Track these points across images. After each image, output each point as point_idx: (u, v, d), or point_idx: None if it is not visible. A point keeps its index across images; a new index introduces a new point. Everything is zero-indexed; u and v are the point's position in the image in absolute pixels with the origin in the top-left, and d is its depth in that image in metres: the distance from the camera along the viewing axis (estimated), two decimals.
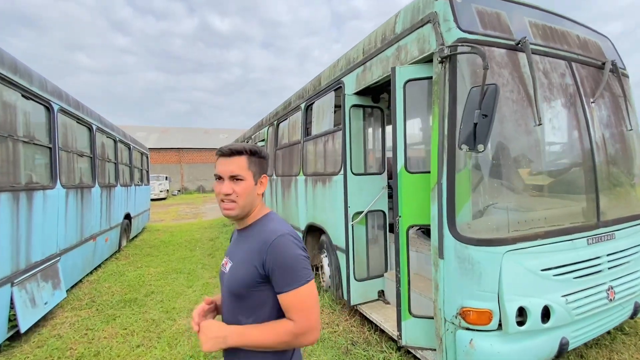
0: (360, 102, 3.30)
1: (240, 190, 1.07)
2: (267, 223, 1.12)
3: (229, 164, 1.07)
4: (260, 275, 1.03)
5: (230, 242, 1.29)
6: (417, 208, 2.44)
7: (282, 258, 1.01)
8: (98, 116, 5.79)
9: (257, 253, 1.03)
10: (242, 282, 1.05)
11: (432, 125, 2.21)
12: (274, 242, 1.02)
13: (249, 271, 1.04)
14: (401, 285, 2.50)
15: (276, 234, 1.04)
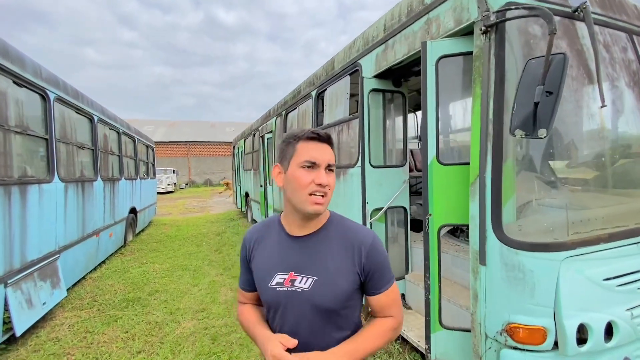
0: (380, 86, 2.96)
1: (332, 183, 0.96)
2: (344, 222, 1.04)
3: (325, 150, 0.95)
4: (359, 282, 0.98)
5: (264, 249, 1.05)
6: (450, 205, 2.12)
7: (381, 258, 0.99)
8: (100, 107, 5.55)
9: (352, 258, 0.96)
10: (343, 294, 0.95)
11: (473, 108, 1.88)
12: (373, 243, 0.98)
13: (349, 280, 0.95)
14: (431, 293, 2.20)
15: (370, 233, 1.01)
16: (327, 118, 3.90)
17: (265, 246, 1.05)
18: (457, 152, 2.24)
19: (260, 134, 7.52)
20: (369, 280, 0.97)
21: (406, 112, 3.11)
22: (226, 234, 8.10)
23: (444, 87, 2.13)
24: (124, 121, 7.13)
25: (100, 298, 4.10)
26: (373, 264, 0.96)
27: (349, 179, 3.33)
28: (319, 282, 0.94)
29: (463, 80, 2.15)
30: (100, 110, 5.50)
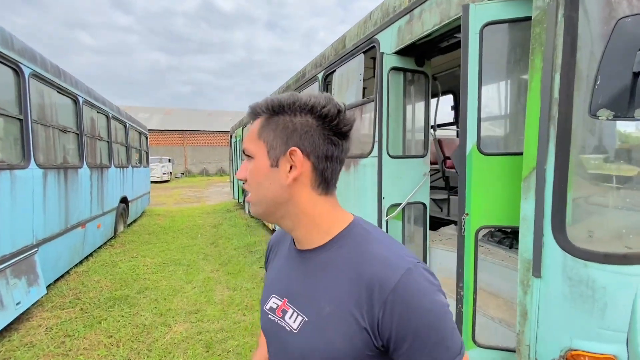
0: (402, 65, 2.59)
1: (247, 174, 0.64)
2: (367, 239, 0.61)
3: (248, 131, 0.66)
4: (373, 348, 0.55)
5: (276, 261, 0.78)
6: (493, 203, 1.78)
7: (419, 317, 0.52)
8: (86, 88, 5.12)
9: (358, 304, 0.55)
10: (338, 355, 0.56)
11: (530, 85, 1.52)
12: (399, 286, 0.53)
13: (347, 337, 0.55)
14: (464, 305, 1.88)
15: (399, 267, 0.55)
16: None
17: (278, 256, 0.78)
18: (503, 140, 1.89)
19: None
20: (396, 351, 0.54)
21: (429, 95, 2.74)
22: (222, 226, 7.76)
23: (489, 61, 1.77)
24: (114, 105, 6.69)
25: (84, 296, 3.75)
26: (400, 324, 0.53)
27: (360, 171, 2.98)
28: (308, 326, 0.60)
29: (514, 52, 1.79)
30: (86, 91, 5.07)
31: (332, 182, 0.63)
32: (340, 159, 0.63)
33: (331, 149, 0.60)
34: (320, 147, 0.60)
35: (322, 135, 0.60)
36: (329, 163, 0.61)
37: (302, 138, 0.59)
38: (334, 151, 0.60)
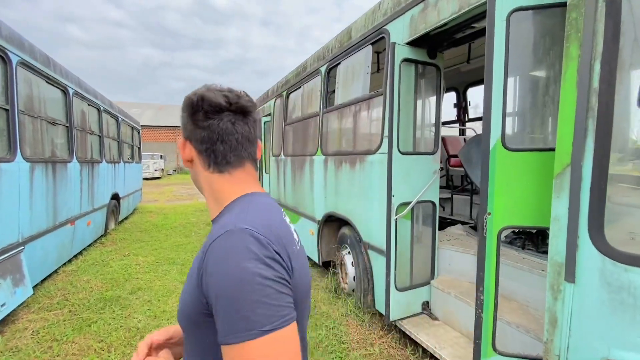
0: (414, 56, 2.47)
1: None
2: (230, 211, 0.66)
3: None
4: (204, 305, 0.57)
5: None
6: (517, 202, 1.67)
7: (221, 280, 0.53)
8: (77, 79, 4.89)
9: (199, 265, 0.58)
10: (185, 310, 0.63)
11: (564, 75, 1.41)
12: (210, 250, 0.57)
13: (193, 295, 0.60)
14: (484, 311, 1.77)
15: (219, 231, 0.58)
16: (340, 97, 3.40)
17: None
18: (530, 134, 1.78)
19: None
20: (213, 313, 0.56)
21: (440, 89, 2.63)
22: None
23: (516, 50, 1.65)
24: (106, 98, 6.45)
25: (73, 297, 3.56)
26: (210, 286, 0.55)
27: (367, 168, 2.86)
28: (183, 286, 0.68)
29: (543, 40, 1.67)
30: (77, 83, 4.84)
31: (222, 161, 0.68)
32: (221, 139, 0.66)
33: (203, 133, 0.66)
34: (194, 133, 0.68)
35: (192, 123, 0.67)
36: (209, 145, 0.67)
37: (184, 129, 0.70)
38: (206, 134, 0.66)
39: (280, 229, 0.62)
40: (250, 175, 0.72)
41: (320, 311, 3.17)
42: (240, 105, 0.67)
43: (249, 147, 0.70)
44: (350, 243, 3.33)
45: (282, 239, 0.60)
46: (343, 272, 3.50)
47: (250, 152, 0.71)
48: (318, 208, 3.92)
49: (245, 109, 0.68)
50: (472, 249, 2.66)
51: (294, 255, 0.62)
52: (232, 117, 0.67)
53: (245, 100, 0.69)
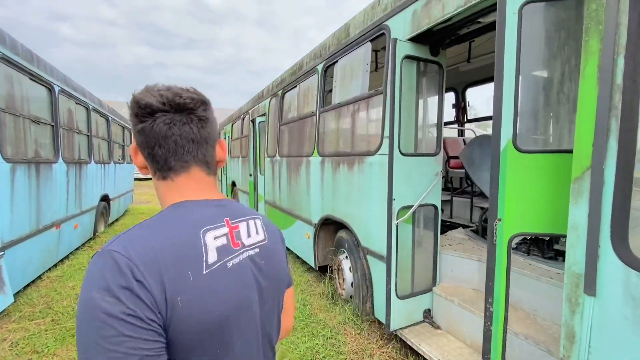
0: (416, 53, 2.36)
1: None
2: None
3: None
4: None
5: None
6: (530, 207, 1.56)
7: (77, 307, 0.49)
8: (63, 76, 4.70)
9: None
10: None
11: (583, 72, 1.31)
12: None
13: None
14: (494, 323, 1.66)
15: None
16: (337, 96, 3.28)
17: None
18: (543, 135, 1.67)
19: (251, 117, 6.81)
20: None
21: (442, 87, 2.52)
22: None
23: (528, 45, 1.55)
24: (95, 97, 6.25)
25: (57, 305, 3.38)
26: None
27: (366, 170, 2.74)
28: None
29: (558, 34, 1.57)
30: (63, 80, 4.66)
31: (164, 167, 0.63)
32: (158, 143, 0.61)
33: (140, 138, 0.62)
34: (137, 138, 0.63)
35: (134, 128, 0.62)
36: (149, 150, 0.62)
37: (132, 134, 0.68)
38: (143, 138, 0.61)
39: (173, 251, 0.53)
40: (195, 180, 0.65)
41: (317, 319, 3.04)
42: (177, 103, 0.60)
43: (194, 149, 0.63)
44: (348, 247, 3.21)
45: (165, 263, 0.51)
46: (340, 277, 3.38)
47: (197, 154, 0.64)
48: (314, 211, 3.79)
49: (184, 107, 0.61)
50: (475, 255, 2.56)
51: (185, 284, 0.52)
52: (168, 118, 0.60)
53: (186, 97, 0.61)
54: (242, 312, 0.59)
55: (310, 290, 3.74)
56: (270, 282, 0.68)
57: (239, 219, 0.67)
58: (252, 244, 0.67)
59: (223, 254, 0.59)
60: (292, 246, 4.71)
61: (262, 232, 0.71)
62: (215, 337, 0.55)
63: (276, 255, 0.72)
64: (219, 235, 0.61)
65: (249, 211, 0.73)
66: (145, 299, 0.47)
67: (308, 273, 4.30)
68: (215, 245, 0.59)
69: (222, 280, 0.57)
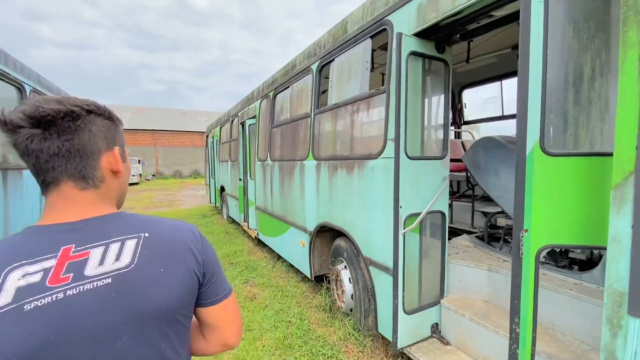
0: (422, 50, 2.20)
1: None
2: None
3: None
4: None
5: None
6: (560, 217, 1.41)
7: None
8: (36, 75, 4.37)
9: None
10: None
11: (622, 66, 1.16)
12: None
13: None
14: (520, 346, 1.49)
15: None
16: (334, 97, 3.10)
17: None
18: (573, 137, 1.52)
19: (241, 119, 6.57)
20: None
21: (449, 86, 2.38)
22: None
23: (556, 36, 1.40)
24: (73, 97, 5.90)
25: None
26: None
27: (367, 174, 2.57)
28: None
29: (587, 25, 1.43)
30: (36, 80, 4.33)
31: (40, 184, 0.62)
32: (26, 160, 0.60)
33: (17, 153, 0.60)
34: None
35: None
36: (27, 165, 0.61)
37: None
38: (18, 154, 0.59)
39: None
40: (63, 198, 0.62)
41: (316, 335, 2.84)
42: (34, 117, 0.56)
43: (62, 163, 0.60)
44: (347, 257, 3.02)
45: None
46: (339, 288, 3.19)
47: (66, 169, 0.61)
48: (310, 217, 3.59)
49: (42, 120, 0.57)
50: (484, 264, 2.41)
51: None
52: (27, 133, 0.57)
53: (47, 109, 0.57)
54: (48, 357, 0.52)
55: (307, 302, 3.53)
56: (122, 318, 0.58)
57: (91, 245, 0.60)
58: (99, 275, 0.58)
59: (23, 295, 0.52)
60: (285, 255, 4.49)
61: (128, 257, 0.61)
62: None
63: (147, 284, 0.61)
64: (31, 272, 0.54)
65: (128, 229, 0.64)
66: None
67: (303, 283, 4.09)
68: (17, 285, 0.53)
69: (8, 325, 0.50)
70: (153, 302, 0.61)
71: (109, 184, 0.67)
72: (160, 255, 0.64)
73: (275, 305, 3.44)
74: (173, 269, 0.65)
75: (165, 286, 0.63)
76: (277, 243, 4.73)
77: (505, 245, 2.73)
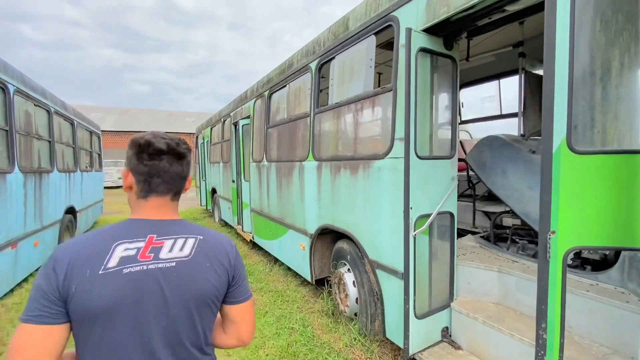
0: (431, 46, 2.14)
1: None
2: None
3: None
4: None
5: None
6: (589, 217, 1.35)
7: None
8: (20, 74, 4.15)
9: None
10: None
11: None
12: None
13: None
14: (547, 352, 1.43)
15: None
16: (335, 95, 3.02)
17: None
18: (601, 133, 1.46)
19: (233, 120, 6.42)
20: None
21: (456, 84, 2.32)
22: None
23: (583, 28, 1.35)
24: (58, 99, 5.65)
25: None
26: None
27: (373, 175, 2.49)
28: None
29: (615, 18, 1.38)
30: (20, 79, 4.11)
31: (149, 191, 0.87)
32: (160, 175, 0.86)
33: (144, 169, 0.85)
34: (138, 168, 0.86)
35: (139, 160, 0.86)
36: (148, 178, 0.86)
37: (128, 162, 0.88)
38: (148, 170, 0.85)
39: (86, 254, 0.76)
40: (159, 204, 0.88)
41: (320, 342, 2.74)
42: (176, 151, 0.88)
43: (174, 182, 0.89)
44: (350, 260, 2.93)
45: (75, 261, 0.74)
46: (342, 292, 3.10)
47: (172, 187, 0.89)
48: (310, 220, 3.50)
49: (180, 154, 0.89)
50: (494, 265, 2.36)
51: (86, 275, 0.73)
52: (170, 159, 0.87)
53: (182, 147, 0.90)
54: (129, 307, 0.75)
55: (308, 307, 3.43)
56: (178, 292, 0.81)
57: (166, 237, 0.84)
58: (169, 258, 0.82)
59: (123, 262, 0.77)
60: (284, 258, 4.38)
61: (188, 250, 0.85)
62: (107, 316, 0.73)
63: (198, 272, 0.84)
64: (130, 248, 0.79)
65: (189, 231, 0.88)
66: (52, 280, 0.72)
67: (303, 287, 3.99)
68: (121, 255, 0.77)
69: (112, 281, 0.74)
70: (198, 285, 0.83)
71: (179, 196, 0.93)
72: (208, 253, 0.87)
73: (276, 311, 3.33)
74: (215, 265, 0.87)
75: (209, 275, 0.85)
76: (275, 246, 4.61)
77: (512, 246, 2.69)
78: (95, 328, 0.73)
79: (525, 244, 2.60)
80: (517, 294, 2.22)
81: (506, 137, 2.77)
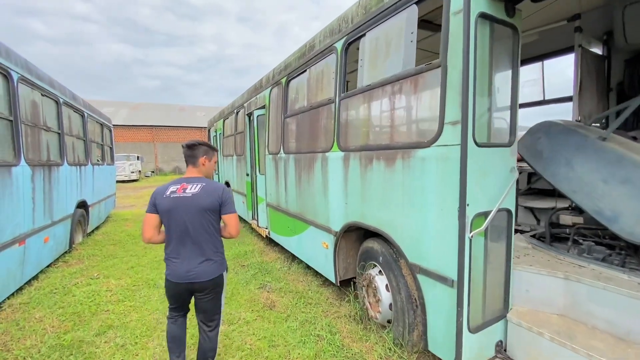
0: (491, 12, 1.79)
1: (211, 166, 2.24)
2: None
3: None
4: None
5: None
6: None
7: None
8: (24, 62, 3.93)
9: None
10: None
11: None
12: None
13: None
14: None
15: None
16: (366, 77, 2.69)
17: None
18: None
19: (247, 111, 6.14)
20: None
21: (518, 58, 1.97)
22: None
23: None
24: (67, 89, 5.46)
25: (18, 345, 2.67)
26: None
27: (416, 166, 2.16)
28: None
29: None
30: (25, 67, 3.89)
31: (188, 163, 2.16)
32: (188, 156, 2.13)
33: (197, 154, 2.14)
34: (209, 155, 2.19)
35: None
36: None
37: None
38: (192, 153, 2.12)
39: (161, 189, 1.97)
40: (190, 169, 2.10)
41: (352, 352, 2.46)
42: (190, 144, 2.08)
43: (192, 158, 2.08)
44: (383, 261, 2.63)
45: (159, 193, 1.96)
46: (372, 296, 2.81)
47: (192, 161, 2.08)
48: (334, 216, 3.20)
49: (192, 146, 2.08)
50: (558, 270, 2.03)
51: (160, 197, 1.93)
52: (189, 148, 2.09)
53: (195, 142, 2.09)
54: (176, 210, 1.90)
55: (334, 311, 3.15)
56: (193, 206, 1.90)
57: (190, 183, 1.97)
58: (191, 192, 1.92)
59: (172, 193, 1.93)
60: (303, 256, 4.11)
61: (198, 189, 1.94)
62: (171, 212, 1.90)
63: (200, 198, 1.91)
64: (176, 188, 1.95)
65: (200, 181, 2.00)
66: (152, 199, 1.96)
67: (325, 288, 3.72)
68: (171, 189, 1.95)
69: (168, 200, 1.91)
70: (203, 204, 1.91)
71: (202, 167, 2.09)
72: (207, 191, 1.95)
73: (299, 316, 3.06)
74: (211, 196, 1.95)
75: (207, 200, 1.93)
76: (293, 243, 4.34)
77: (574, 247, 2.35)
78: (164, 216, 1.91)
79: (591, 245, 2.25)
80: (589, 304, 1.89)
81: (565, 123, 2.41)
